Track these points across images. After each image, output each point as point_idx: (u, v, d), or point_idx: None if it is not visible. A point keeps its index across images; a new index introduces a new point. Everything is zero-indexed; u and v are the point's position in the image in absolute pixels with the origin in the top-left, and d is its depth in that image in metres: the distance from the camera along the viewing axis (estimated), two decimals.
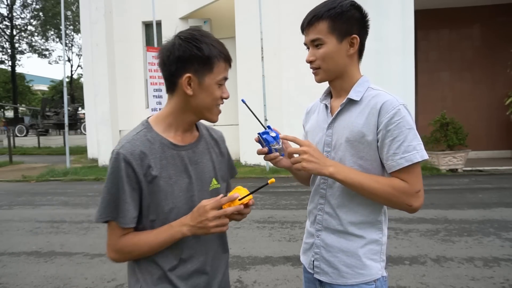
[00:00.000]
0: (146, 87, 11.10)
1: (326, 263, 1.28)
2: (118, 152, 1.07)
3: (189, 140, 1.19)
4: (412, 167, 1.15)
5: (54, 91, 35.72)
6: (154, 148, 1.10)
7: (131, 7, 11.37)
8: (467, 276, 3.20)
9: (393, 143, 1.14)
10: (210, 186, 1.21)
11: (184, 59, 1.07)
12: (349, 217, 1.24)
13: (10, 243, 4.50)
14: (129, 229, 1.10)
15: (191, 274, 1.16)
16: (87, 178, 9.27)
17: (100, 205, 1.08)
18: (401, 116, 1.14)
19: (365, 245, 1.24)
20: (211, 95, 1.11)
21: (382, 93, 1.21)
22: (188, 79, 1.08)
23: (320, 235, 1.31)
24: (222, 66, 1.10)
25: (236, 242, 4.13)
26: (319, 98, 1.39)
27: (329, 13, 1.19)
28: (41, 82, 44.29)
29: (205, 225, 1.05)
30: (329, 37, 1.20)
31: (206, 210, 1.05)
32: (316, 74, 1.27)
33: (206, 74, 1.08)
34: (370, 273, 1.24)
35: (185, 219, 1.08)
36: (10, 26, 29.85)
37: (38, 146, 18.51)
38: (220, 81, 1.11)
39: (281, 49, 9.07)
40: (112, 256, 1.12)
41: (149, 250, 1.10)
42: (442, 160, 8.27)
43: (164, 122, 1.15)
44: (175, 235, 1.08)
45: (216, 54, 1.08)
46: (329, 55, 1.21)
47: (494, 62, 9.92)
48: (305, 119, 1.47)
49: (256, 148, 1.33)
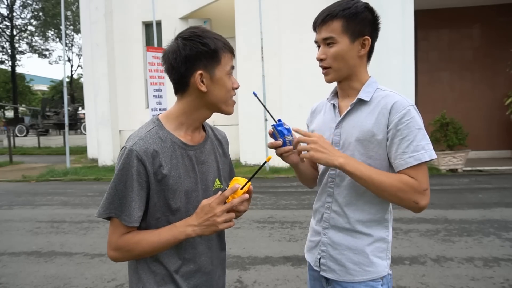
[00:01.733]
0: (146, 87, 11.09)
1: (333, 261, 1.29)
2: (131, 149, 1.05)
3: (197, 140, 1.19)
4: (420, 166, 1.16)
5: (54, 91, 35.70)
6: (166, 146, 1.09)
7: (131, 7, 11.37)
8: (467, 276, 3.20)
9: (403, 142, 1.16)
10: (214, 186, 1.21)
11: (192, 57, 1.07)
12: (357, 215, 1.26)
13: (10, 243, 4.50)
14: (132, 228, 1.09)
15: (193, 273, 1.16)
16: (87, 178, 9.27)
17: (104, 200, 1.07)
18: (411, 116, 1.16)
19: (372, 243, 1.26)
20: (224, 87, 1.11)
21: (392, 94, 1.23)
22: (200, 76, 1.08)
23: (327, 233, 1.31)
24: (228, 56, 1.11)
25: (236, 242, 4.13)
26: (327, 98, 1.40)
27: (344, 12, 1.20)
28: (41, 82, 44.28)
29: (213, 222, 1.04)
30: (342, 36, 1.21)
31: (213, 207, 1.04)
32: (326, 74, 1.27)
33: (216, 67, 1.09)
34: (377, 270, 1.26)
35: (190, 220, 1.07)
36: (10, 26, 29.85)
37: (38, 146, 18.51)
38: (229, 71, 1.12)
39: (281, 49, 9.08)
40: (111, 255, 1.10)
41: (151, 250, 1.08)
42: (442, 160, 8.27)
43: (176, 120, 1.15)
44: (179, 236, 1.07)
45: (221, 45, 1.10)
46: (340, 55, 1.22)
47: (494, 62, 9.91)
48: (310, 118, 1.47)
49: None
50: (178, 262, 1.13)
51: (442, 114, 8.42)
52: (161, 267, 1.12)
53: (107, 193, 1.07)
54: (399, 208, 1.25)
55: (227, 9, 10.36)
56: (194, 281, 1.16)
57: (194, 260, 1.16)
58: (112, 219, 1.08)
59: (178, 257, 1.13)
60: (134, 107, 11.22)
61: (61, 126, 17.96)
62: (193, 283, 1.16)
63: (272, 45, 9.01)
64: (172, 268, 1.12)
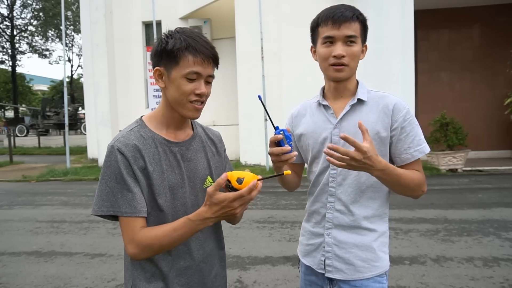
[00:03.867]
0: (146, 87, 11.10)
1: (340, 260, 1.30)
2: (113, 145, 1.07)
3: (182, 138, 1.20)
4: (419, 158, 1.29)
5: (55, 91, 35.72)
6: (148, 143, 1.11)
7: (131, 7, 11.37)
8: (467, 276, 3.20)
9: (407, 138, 1.26)
10: (205, 184, 1.21)
11: (156, 53, 1.11)
12: (362, 212, 1.29)
13: (10, 243, 4.51)
14: (142, 221, 1.07)
15: (184, 270, 1.16)
16: (87, 178, 9.28)
17: (97, 198, 1.07)
18: (410, 114, 1.27)
19: (378, 238, 1.31)
20: (179, 89, 1.09)
21: (387, 94, 1.31)
22: (158, 71, 1.11)
23: (331, 233, 1.32)
24: (189, 59, 1.07)
25: (236, 242, 4.14)
26: (316, 100, 1.38)
27: (361, 17, 1.27)
28: (41, 82, 44.31)
29: (232, 213, 1.01)
30: (359, 38, 1.26)
31: (231, 201, 0.99)
32: (341, 71, 1.26)
33: (173, 67, 1.09)
34: (383, 265, 1.31)
35: (205, 213, 1.02)
36: (10, 26, 29.86)
37: (38, 146, 18.52)
38: (187, 75, 1.07)
39: (281, 49, 9.08)
40: (132, 252, 1.06)
41: (170, 242, 1.05)
42: (442, 160, 8.28)
43: (156, 119, 1.18)
44: (197, 228, 1.04)
45: (182, 47, 1.06)
46: (357, 55, 1.27)
47: (494, 62, 9.92)
48: (293, 122, 1.45)
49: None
50: (169, 259, 1.13)
51: (442, 114, 8.43)
52: (152, 264, 1.13)
53: (98, 191, 1.08)
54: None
55: (227, 9, 10.37)
56: (185, 278, 1.16)
57: (184, 257, 1.16)
58: (120, 219, 1.07)
59: (169, 253, 1.13)
60: (134, 107, 11.21)
61: (61, 126, 17.97)
62: (184, 280, 1.16)
63: (272, 45, 9.01)
64: (163, 265, 1.13)
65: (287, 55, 9.00)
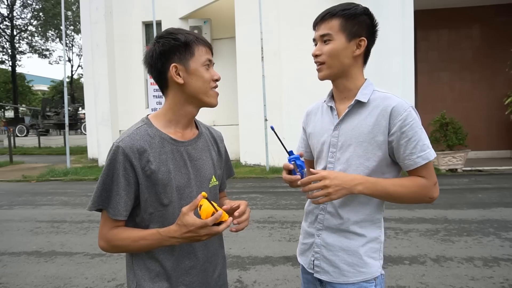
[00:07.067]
0: (146, 87, 11.11)
1: (327, 262, 1.29)
2: (118, 145, 1.08)
3: (189, 137, 1.20)
4: (428, 164, 1.21)
5: (55, 91, 35.74)
6: (154, 142, 1.12)
7: (131, 7, 11.38)
8: (466, 276, 3.20)
9: (409, 143, 1.19)
10: (210, 183, 1.22)
11: (166, 52, 1.12)
12: (351, 216, 1.26)
13: (10, 243, 4.51)
14: (120, 222, 1.12)
15: (189, 270, 1.16)
16: (87, 178, 9.28)
17: (93, 194, 1.10)
18: (412, 117, 1.20)
19: (366, 243, 1.27)
20: (201, 78, 1.13)
21: (390, 96, 1.25)
22: (175, 68, 1.11)
23: (321, 234, 1.32)
24: (202, 49, 1.14)
25: (236, 242, 4.14)
26: (324, 100, 1.40)
27: (343, 12, 1.24)
28: (41, 82, 44.30)
29: (197, 239, 1.04)
30: (339, 34, 1.23)
31: (198, 228, 1.00)
32: (320, 70, 1.29)
33: (190, 59, 1.12)
34: (371, 271, 1.26)
35: (173, 232, 1.03)
36: (10, 26, 29.85)
37: (38, 146, 18.51)
38: (205, 63, 1.14)
39: (281, 49, 9.07)
40: (101, 245, 1.13)
41: (136, 249, 1.11)
42: (441, 160, 8.28)
43: (164, 118, 1.17)
44: (163, 243, 1.07)
45: (193, 39, 1.13)
46: (335, 52, 1.24)
47: (494, 62, 9.92)
48: (306, 120, 1.47)
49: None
50: (173, 259, 1.14)
51: (441, 114, 8.43)
52: (156, 264, 1.14)
53: (96, 187, 1.10)
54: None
55: (227, 9, 10.37)
56: (190, 278, 1.16)
57: (189, 256, 1.16)
58: (103, 211, 1.12)
59: (173, 253, 1.14)
60: (134, 107, 11.22)
61: (61, 126, 17.97)
62: (188, 279, 1.16)
63: (272, 45, 9.00)
64: (168, 265, 1.13)
65: (287, 55, 8.99)
